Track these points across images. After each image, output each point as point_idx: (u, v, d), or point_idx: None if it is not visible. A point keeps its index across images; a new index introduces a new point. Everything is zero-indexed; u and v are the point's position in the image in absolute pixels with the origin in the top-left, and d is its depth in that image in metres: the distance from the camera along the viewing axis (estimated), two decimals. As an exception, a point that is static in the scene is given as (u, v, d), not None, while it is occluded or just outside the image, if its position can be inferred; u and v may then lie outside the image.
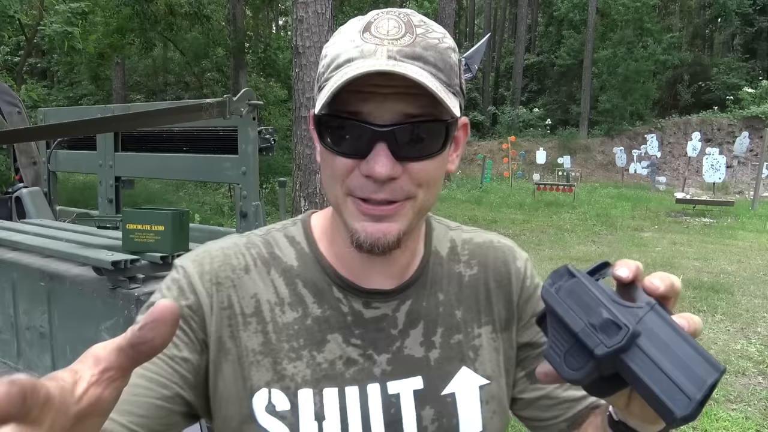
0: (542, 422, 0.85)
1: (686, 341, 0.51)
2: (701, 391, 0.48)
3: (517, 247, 0.89)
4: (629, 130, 24.71)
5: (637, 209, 13.82)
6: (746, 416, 3.68)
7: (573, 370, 0.51)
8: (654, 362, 0.49)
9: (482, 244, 0.86)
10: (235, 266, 0.76)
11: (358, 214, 0.68)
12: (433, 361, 0.77)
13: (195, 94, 25.07)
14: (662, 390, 0.48)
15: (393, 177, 0.66)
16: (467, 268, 0.83)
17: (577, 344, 0.51)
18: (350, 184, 0.68)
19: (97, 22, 16.51)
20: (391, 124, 0.65)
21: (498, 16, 40.00)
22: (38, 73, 29.63)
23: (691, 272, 7.50)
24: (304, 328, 0.74)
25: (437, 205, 3.87)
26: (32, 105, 11.65)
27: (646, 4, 26.44)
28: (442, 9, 17.36)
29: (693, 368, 0.49)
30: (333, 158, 0.68)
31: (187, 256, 0.78)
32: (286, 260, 0.78)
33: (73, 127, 2.76)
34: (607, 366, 0.51)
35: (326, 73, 0.68)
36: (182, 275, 0.75)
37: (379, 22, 0.67)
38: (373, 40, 0.65)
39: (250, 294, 0.75)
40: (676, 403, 0.48)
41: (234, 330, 0.73)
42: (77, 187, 13.38)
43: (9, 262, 2.44)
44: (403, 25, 0.67)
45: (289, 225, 0.82)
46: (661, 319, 0.52)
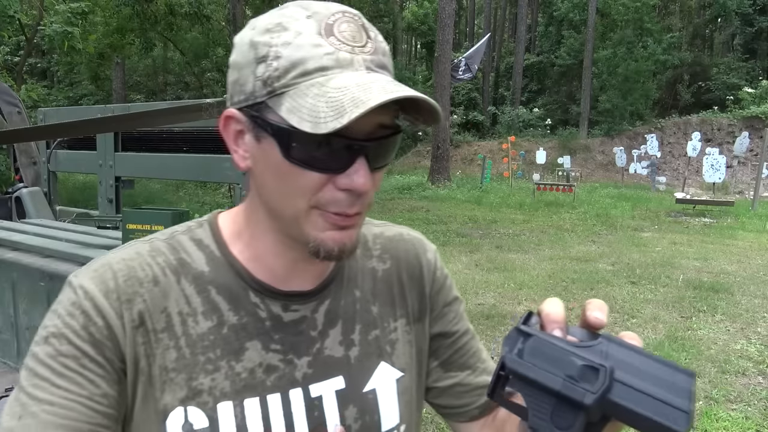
0: (455, 409, 0.87)
1: (652, 359, 0.51)
2: (691, 401, 0.48)
3: (425, 239, 0.90)
4: (629, 130, 24.71)
5: (637, 209, 13.82)
6: (746, 416, 3.68)
7: (564, 429, 0.50)
8: (638, 390, 0.49)
9: (393, 238, 0.86)
10: (142, 279, 0.69)
11: (325, 224, 0.66)
12: (353, 360, 0.77)
13: (195, 94, 25.08)
14: (658, 414, 0.48)
15: (367, 190, 0.65)
16: (380, 262, 0.84)
17: (559, 402, 0.50)
18: (321, 199, 0.65)
19: (97, 22, 16.51)
20: (371, 137, 0.64)
21: (498, 16, 39.99)
22: (38, 73, 29.64)
23: (691, 272, 7.50)
24: (220, 337, 0.70)
25: (438, 205, 3.87)
26: (32, 105, 11.65)
27: (646, 4, 26.44)
28: (442, 9, 17.36)
29: (672, 382, 0.49)
30: (300, 172, 0.64)
31: (84, 273, 0.69)
32: (196, 266, 0.72)
33: (73, 127, 2.77)
34: (596, 412, 0.50)
35: (286, 79, 0.62)
36: (83, 297, 0.67)
37: (340, 25, 0.63)
38: (344, 48, 0.62)
39: (160, 308, 0.69)
40: (676, 422, 0.47)
41: (148, 349, 0.68)
42: (77, 187, 13.38)
43: (9, 262, 2.44)
44: (361, 29, 0.65)
45: (194, 227, 0.76)
46: (620, 347, 0.52)
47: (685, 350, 4.72)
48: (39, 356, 0.66)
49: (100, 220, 2.85)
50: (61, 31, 10.50)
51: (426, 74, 34.98)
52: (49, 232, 2.68)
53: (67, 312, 0.66)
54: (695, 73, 29.63)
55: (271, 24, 0.64)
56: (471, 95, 30.61)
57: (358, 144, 0.63)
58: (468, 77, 19.81)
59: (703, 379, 4.22)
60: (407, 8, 36.22)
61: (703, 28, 34.11)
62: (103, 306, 0.67)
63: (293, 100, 0.61)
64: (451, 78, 18.15)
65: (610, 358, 0.50)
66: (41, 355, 0.65)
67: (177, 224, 0.79)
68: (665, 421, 0.47)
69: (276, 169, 0.66)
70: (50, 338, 0.66)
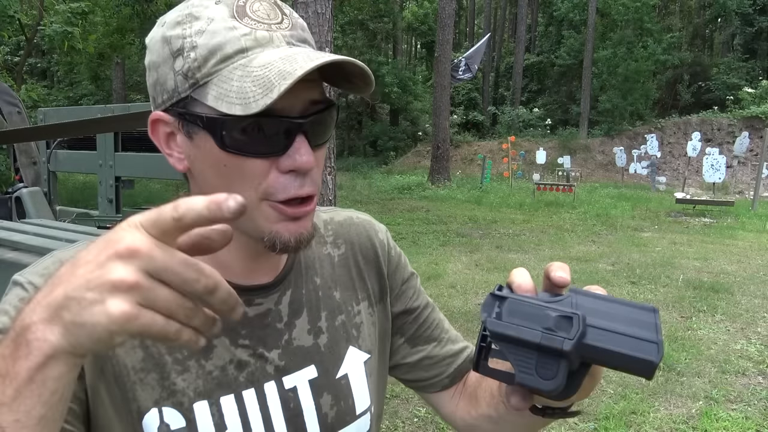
0: (426, 381, 0.89)
1: (617, 303, 0.55)
2: (658, 333, 0.52)
3: (374, 220, 0.91)
4: (629, 130, 24.70)
5: (637, 209, 13.82)
6: (746, 416, 3.68)
7: (550, 379, 0.53)
8: (610, 331, 0.52)
9: (343, 223, 0.87)
10: None
11: (277, 216, 0.65)
12: (323, 347, 0.77)
13: (195, 94, 25.00)
14: (632, 349, 0.52)
15: (312, 167, 0.64)
16: (335, 248, 0.84)
17: (541, 354, 0.53)
18: (269, 188, 0.63)
19: (97, 22, 16.50)
20: (305, 114, 0.63)
21: (498, 16, 39.99)
22: (38, 73, 29.64)
23: (691, 272, 7.50)
24: None
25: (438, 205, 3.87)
26: (32, 105, 11.64)
27: (646, 4, 26.43)
28: (442, 9, 17.36)
29: (638, 320, 0.53)
30: (240, 161, 0.62)
31: (33, 271, 0.67)
32: None
33: (73, 127, 2.77)
34: (575, 358, 0.53)
35: (207, 67, 0.60)
36: (34, 292, 0.62)
37: (252, 5, 0.63)
38: (260, 26, 0.61)
39: None
40: (649, 353, 0.51)
41: (107, 351, 0.64)
42: (77, 187, 13.38)
43: (9, 262, 2.44)
44: (273, 6, 0.64)
45: None
46: (587, 297, 0.56)
47: (685, 350, 4.72)
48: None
49: (100, 220, 2.85)
50: (61, 31, 10.50)
51: (426, 74, 34.99)
52: (49, 232, 2.68)
53: (14, 307, 0.63)
54: (695, 73, 29.63)
55: (181, 16, 0.63)
56: (471, 95, 30.61)
57: (294, 122, 0.62)
58: (468, 77, 19.82)
59: (703, 379, 4.22)
60: (407, 8, 36.21)
61: (703, 28, 34.11)
62: None
63: (218, 87, 0.60)
64: (451, 78, 18.15)
65: (581, 308, 0.54)
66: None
67: None
68: (639, 354, 0.51)
69: (215, 163, 0.64)
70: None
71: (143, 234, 0.43)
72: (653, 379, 0.53)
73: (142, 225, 0.44)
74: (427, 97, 29.12)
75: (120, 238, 0.43)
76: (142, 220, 0.44)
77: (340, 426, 0.77)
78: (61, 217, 3.41)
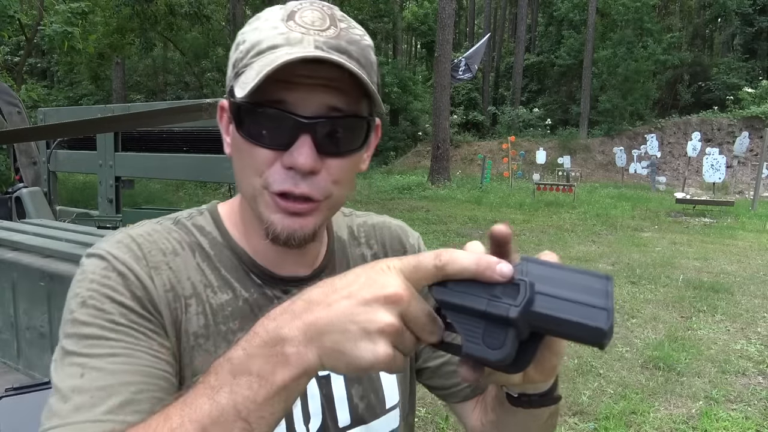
0: (448, 390, 0.90)
1: (569, 270, 0.53)
2: (608, 300, 0.51)
3: (407, 226, 0.94)
4: (629, 130, 24.70)
5: (637, 209, 13.82)
6: (746, 416, 3.68)
7: (497, 349, 0.51)
8: (560, 298, 0.51)
9: (376, 225, 0.91)
10: (164, 250, 0.72)
11: (275, 207, 0.68)
12: None
13: (195, 94, 25.08)
14: (581, 316, 0.50)
15: (314, 171, 0.66)
16: (368, 248, 0.88)
17: (488, 322, 0.51)
18: (269, 178, 0.67)
19: (97, 22, 16.51)
20: (316, 116, 0.65)
21: (498, 16, 39.98)
22: (38, 73, 29.63)
23: (691, 272, 7.50)
24: (238, 309, 0.73)
25: (438, 205, 3.87)
26: (32, 105, 11.65)
27: (646, 4, 26.42)
28: (442, 9, 17.35)
29: (589, 287, 0.52)
30: (252, 148, 0.67)
31: (107, 244, 0.70)
32: (204, 247, 0.75)
33: (73, 127, 2.77)
34: (523, 327, 0.51)
35: (245, 59, 0.66)
36: (114, 261, 0.67)
37: (303, 12, 0.67)
38: (299, 29, 0.65)
39: (185, 276, 0.72)
40: (597, 320, 0.49)
41: (179, 313, 0.70)
42: (77, 187, 13.38)
43: (9, 262, 2.44)
44: (327, 17, 0.67)
45: (195, 214, 0.79)
46: (538, 264, 0.54)
47: (685, 350, 4.72)
48: (81, 319, 0.64)
49: (100, 220, 2.85)
50: (61, 31, 10.49)
51: (426, 74, 34.99)
52: (49, 232, 2.68)
53: (101, 275, 0.66)
54: (695, 73, 29.62)
55: (253, 18, 0.70)
56: (471, 95, 30.60)
57: (299, 120, 0.64)
58: (468, 77, 19.82)
59: (703, 379, 4.22)
60: (407, 8, 36.22)
61: (703, 28, 34.11)
62: (135, 269, 0.68)
63: (244, 75, 0.65)
64: (451, 78, 18.15)
65: (530, 275, 0.52)
66: (84, 318, 0.64)
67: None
68: (587, 321, 0.49)
69: (236, 146, 0.70)
70: (89, 301, 0.65)
71: (403, 280, 0.50)
72: (604, 348, 0.50)
73: (402, 271, 0.50)
74: (427, 97, 29.12)
75: (385, 283, 0.49)
76: (401, 266, 0.50)
77: (370, 418, 0.80)
78: (61, 217, 3.41)
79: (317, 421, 0.76)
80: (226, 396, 0.50)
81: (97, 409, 0.58)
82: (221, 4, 24.55)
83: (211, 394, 0.50)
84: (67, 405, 0.58)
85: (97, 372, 0.60)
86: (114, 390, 0.59)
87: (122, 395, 0.59)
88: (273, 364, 0.49)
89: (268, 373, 0.49)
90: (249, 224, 0.76)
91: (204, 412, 0.50)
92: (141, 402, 0.60)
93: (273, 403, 0.50)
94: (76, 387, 0.59)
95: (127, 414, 0.58)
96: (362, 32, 0.70)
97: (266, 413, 0.50)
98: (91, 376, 0.60)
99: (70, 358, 0.62)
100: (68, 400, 0.59)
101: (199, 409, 0.50)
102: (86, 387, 0.59)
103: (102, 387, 0.59)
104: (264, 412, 0.50)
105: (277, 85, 0.63)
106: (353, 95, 0.66)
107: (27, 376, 2.35)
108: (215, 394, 0.50)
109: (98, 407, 0.58)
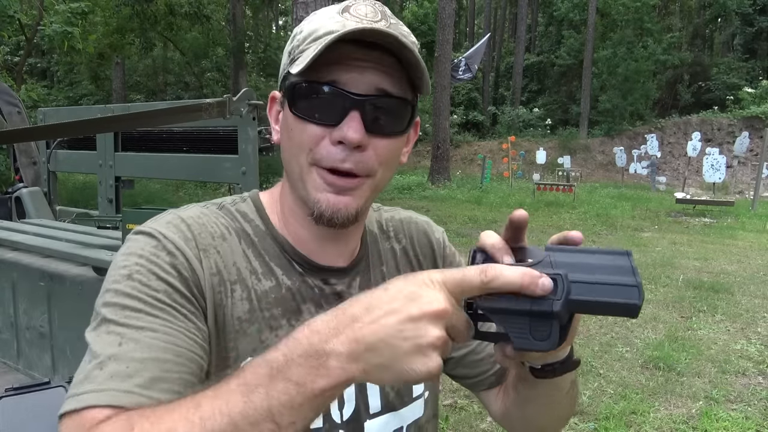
0: (473, 379, 0.92)
1: (593, 252, 0.58)
2: (636, 275, 0.56)
3: (432, 221, 0.97)
4: (629, 130, 24.70)
5: (637, 209, 13.82)
6: (746, 416, 3.67)
7: (544, 340, 0.55)
8: (592, 283, 0.55)
9: (404, 220, 0.94)
10: (213, 233, 0.74)
11: (322, 184, 0.70)
12: None
13: (195, 94, 25.08)
14: (616, 296, 0.54)
15: (362, 145, 0.69)
16: (396, 242, 0.91)
17: (532, 318, 0.54)
18: (317, 154, 0.70)
19: (97, 22, 16.50)
20: (366, 94, 0.68)
21: (498, 16, 39.98)
22: (38, 73, 29.62)
23: (691, 272, 7.50)
24: (281, 296, 0.75)
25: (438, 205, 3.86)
26: (32, 105, 11.64)
27: (646, 4, 26.42)
28: (442, 9, 17.35)
29: (615, 266, 0.56)
30: (303, 126, 0.70)
31: (157, 224, 0.72)
32: (249, 234, 0.77)
33: (73, 127, 2.77)
34: (564, 316, 0.55)
35: (302, 46, 0.71)
36: (164, 240, 0.69)
37: (357, 7, 0.71)
38: (353, 19, 0.69)
39: (231, 261, 0.73)
40: (632, 297, 0.54)
41: (223, 297, 0.71)
42: (77, 187, 13.37)
43: (9, 262, 2.44)
44: (379, 12, 0.71)
45: (239, 201, 0.81)
46: (563, 253, 0.58)
47: (685, 350, 4.72)
48: (125, 291, 0.65)
49: (100, 220, 2.85)
50: (61, 31, 10.48)
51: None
52: (49, 232, 2.68)
53: (150, 252, 0.68)
54: (695, 73, 29.62)
55: (309, 15, 0.76)
56: (471, 95, 30.59)
57: (350, 97, 0.68)
58: (468, 77, 19.80)
59: (703, 379, 4.22)
60: (407, 8, 36.21)
61: (703, 28, 34.10)
62: (185, 249, 0.70)
63: (300, 58, 0.69)
64: (451, 78, 18.14)
65: (560, 265, 0.56)
66: (128, 290, 0.65)
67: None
68: (624, 300, 0.54)
69: (287, 127, 0.73)
70: (135, 275, 0.66)
71: (447, 295, 0.51)
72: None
73: (446, 285, 0.52)
74: (427, 97, 29.09)
75: (432, 299, 0.51)
76: (445, 280, 0.52)
77: (400, 405, 0.83)
78: (61, 217, 3.41)
79: (351, 406, 0.78)
80: (261, 397, 0.51)
81: (132, 381, 0.59)
82: (221, 4, 24.54)
83: (245, 392, 0.51)
84: (102, 371, 0.59)
85: (135, 343, 0.61)
86: (149, 364, 0.60)
87: (155, 371, 0.60)
88: (314, 375, 0.50)
89: (308, 382, 0.50)
90: (290, 212, 0.78)
91: (236, 408, 0.51)
92: (172, 381, 0.61)
93: (307, 409, 0.51)
94: (113, 355, 0.60)
95: (157, 391, 0.59)
96: (409, 31, 0.74)
97: (298, 418, 0.51)
98: (129, 346, 0.61)
99: (108, 326, 0.63)
100: (104, 367, 0.60)
101: (232, 404, 0.51)
102: (123, 356, 0.60)
103: (138, 359, 0.60)
104: (296, 416, 0.51)
105: (330, 67, 0.67)
106: (401, 80, 0.70)
107: (27, 376, 2.35)
108: (250, 392, 0.51)
109: (133, 378, 0.59)
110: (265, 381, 0.51)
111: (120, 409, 0.56)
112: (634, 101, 25.60)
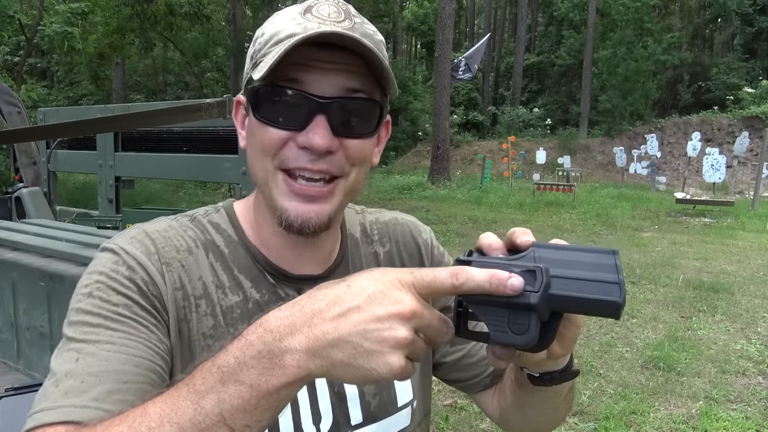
0: (468, 382, 0.91)
1: (577, 250, 0.57)
2: (619, 273, 0.54)
3: (419, 221, 0.95)
4: (629, 130, 24.69)
5: (637, 209, 13.82)
6: (746, 416, 3.67)
7: (522, 333, 0.53)
8: (573, 279, 0.54)
9: (389, 222, 0.91)
10: (178, 247, 0.72)
11: (289, 193, 0.68)
12: None
13: (195, 94, 25.08)
14: (596, 293, 0.53)
15: (331, 150, 0.67)
16: (380, 246, 0.88)
17: (511, 311, 0.54)
18: (282, 156, 0.68)
19: (97, 22, 16.51)
20: (332, 97, 0.66)
21: (498, 16, 39.98)
22: (38, 73, 29.61)
23: (691, 272, 7.50)
24: (247, 311, 0.74)
25: (438, 205, 3.86)
26: (32, 105, 11.63)
27: (646, 4, 26.42)
28: (442, 9, 17.35)
29: (599, 264, 0.55)
30: (265, 130, 0.68)
31: (121, 239, 0.71)
32: (219, 246, 0.76)
33: (73, 127, 2.77)
34: (543, 310, 0.54)
35: (264, 49, 0.68)
36: (125, 255, 0.68)
37: (319, 7, 0.69)
38: (315, 20, 0.67)
39: (197, 276, 0.72)
40: (612, 294, 0.53)
41: (187, 312, 0.70)
42: (77, 187, 13.37)
43: (9, 262, 2.44)
44: (342, 12, 0.69)
45: (212, 212, 0.80)
46: (548, 249, 0.57)
47: (685, 350, 4.72)
48: (85, 309, 0.65)
49: (100, 220, 2.85)
50: (61, 31, 10.48)
51: (426, 74, 34.96)
52: (49, 232, 2.68)
53: (110, 269, 0.67)
54: (695, 73, 29.61)
55: (271, 16, 0.73)
56: (471, 95, 30.59)
57: (314, 101, 0.65)
58: (468, 77, 19.81)
59: (703, 379, 4.22)
60: (407, 8, 36.21)
61: (703, 28, 34.10)
62: (146, 264, 0.68)
63: (263, 63, 0.67)
64: (451, 78, 18.15)
65: (543, 261, 0.55)
66: (88, 308, 0.65)
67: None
68: (603, 296, 0.53)
69: (252, 132, 0.71)
70: (95, 292, 0.65)
71: (416, 296, 0.50)
72: (620, 318, 0.53)
73: (414, 287, 0.51)
74: (427, 97, 29.10)
75: (398, 299, 0.49)
76: (414, 281, 0.51)
77: (382, 416, 0.80)
78: (61, 217, 3.41)
79: (328, 420, 0.76)
80: (212, 402, 0.49)
81: (87, 395, 0.58)
82: (221, 4, 24.54)
83: (195, 399, 0.50)
84: (58, 389, 0.59)
85: (91, 358, 0.61)
86: (105, 377, 0.60)
87: (112, 383, 0.60)
88: (268, 375, 0.49)
89: (263, 383, 0.49)
90: (263, 219, 0.76)
91: (186, 416, 0.49)
92: (128, 392, 0.60)
93: (262, 410, 0.50)
94: (69, 371, 0.60)
95: (112, 403, 0.58)
96: (375, 29, 0.72)
97: (253, 420, 0.50)
98: (86, 361, 0.61)
99: (69, 344, 0.63)
100: (60, 384, 0.60)
101: (181, 412, 0.49)
102: (79, 372, 0.60)
103: (94, 373, 0.60)
104: (251, 419, 0.49)
105: (294, 67, 0.65)
106: (368, 79, 0.68)
107: (27, 376, 2.35)
108: (200, 399, 0.50)
109: (88, 393, 0.59)
110: (216, 386, 0.49)
111: (75, 425, 0.56)
112: (634, 101, 25.59)
